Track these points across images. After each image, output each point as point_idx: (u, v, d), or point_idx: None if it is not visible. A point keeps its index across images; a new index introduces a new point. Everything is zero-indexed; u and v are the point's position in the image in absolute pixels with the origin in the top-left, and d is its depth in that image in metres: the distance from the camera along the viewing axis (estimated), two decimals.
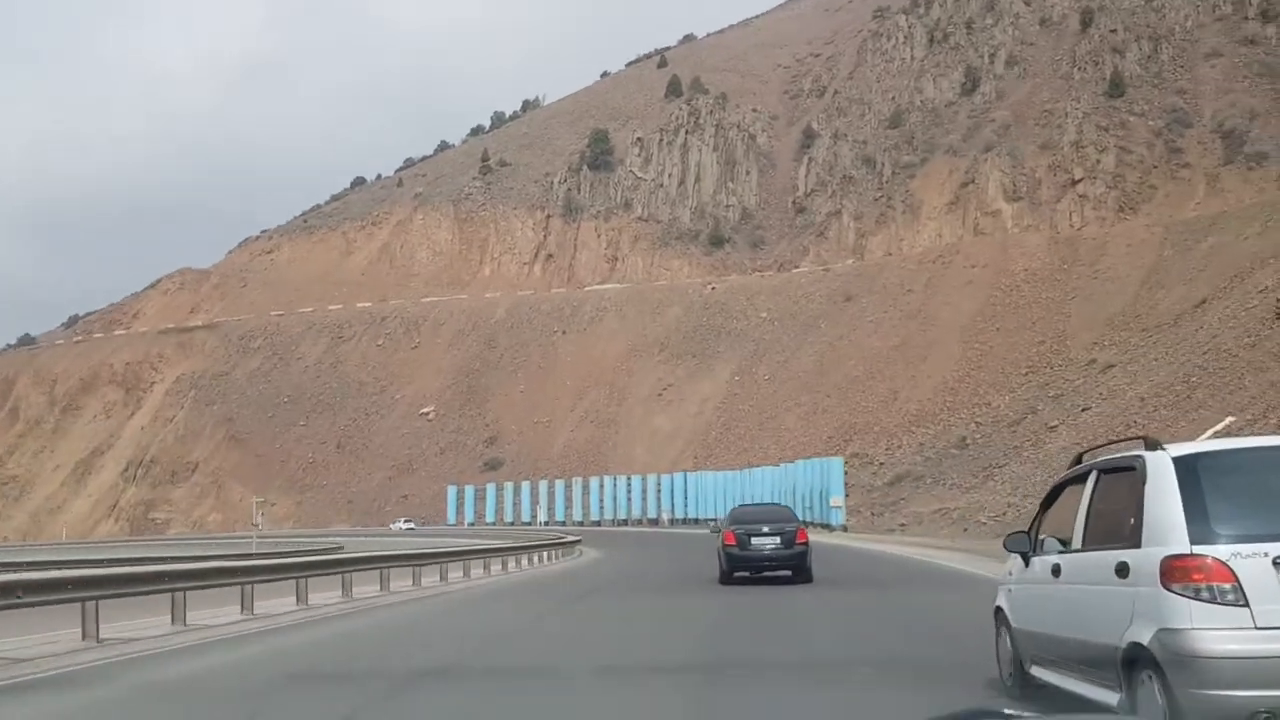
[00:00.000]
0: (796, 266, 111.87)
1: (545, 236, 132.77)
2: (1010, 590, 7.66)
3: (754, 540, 20.05)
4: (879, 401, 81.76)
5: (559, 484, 77.60)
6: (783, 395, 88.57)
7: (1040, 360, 78.18)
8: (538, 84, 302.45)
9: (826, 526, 48.21)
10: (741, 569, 20.16)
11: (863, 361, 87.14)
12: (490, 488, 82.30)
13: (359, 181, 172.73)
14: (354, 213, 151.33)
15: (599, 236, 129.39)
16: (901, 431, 75.52)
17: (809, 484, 51.46)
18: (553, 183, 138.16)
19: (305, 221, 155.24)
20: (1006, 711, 2.62)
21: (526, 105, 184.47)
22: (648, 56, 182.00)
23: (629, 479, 73.54)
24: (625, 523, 72.29)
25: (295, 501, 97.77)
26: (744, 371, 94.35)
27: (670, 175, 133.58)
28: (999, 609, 7.81)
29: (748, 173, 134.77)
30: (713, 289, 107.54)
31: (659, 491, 70.78)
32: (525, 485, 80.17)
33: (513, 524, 79.42)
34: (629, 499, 72.87)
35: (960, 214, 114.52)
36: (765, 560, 20.12)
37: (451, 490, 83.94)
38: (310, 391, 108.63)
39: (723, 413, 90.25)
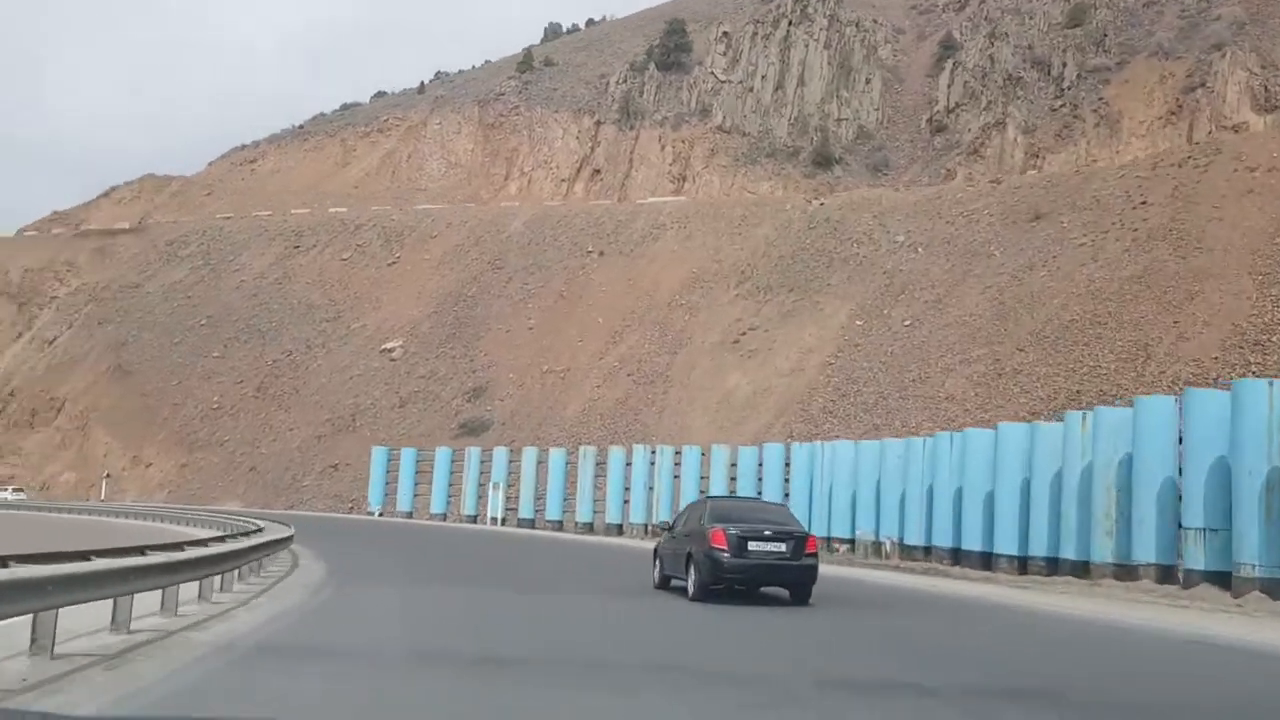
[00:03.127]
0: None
1: (593, 148, 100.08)
2: None
3: (752, 545, 14.65)
4: (1118, 359, 47.86)
5: (557, 458, 44.17)
6: (938, 347, 54.90)
7: None
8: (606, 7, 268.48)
9: None
10: (724, 582, 14.69)
11: (1076, 300, 53.17)
12: (441, 455, 49.05)
13: (380, 96, 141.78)
14: (360, 119, 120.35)
15: (663, 149, 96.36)
16: None
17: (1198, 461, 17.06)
18: (609, 83, 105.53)
19: (301, 129, 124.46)
20: None
21: (590, 23, 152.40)
22: None
23: (677, 453, 39.92)
24: (671, 528, 38.98)
25: (180, 464, 66.10)
26: (870, 313, 60.76)
27: (764, 77, 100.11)
28: None
29: (868, 81, 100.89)
30: (821, 204, 74.00)
31: (734, 477, 37.02)
32: (500, 455, 46.58)
33: (474, 519, 46.65)
34: (676, 489, 39.06)
35: (1184, 127, 79.73)
36: (765, 572, 14.96)
37: (378, 455, 51.09)
38: (240, 313, 77.06)
39: (837, 370, 56.71)
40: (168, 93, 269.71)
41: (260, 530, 19.91)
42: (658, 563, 17.34)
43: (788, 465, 35.26)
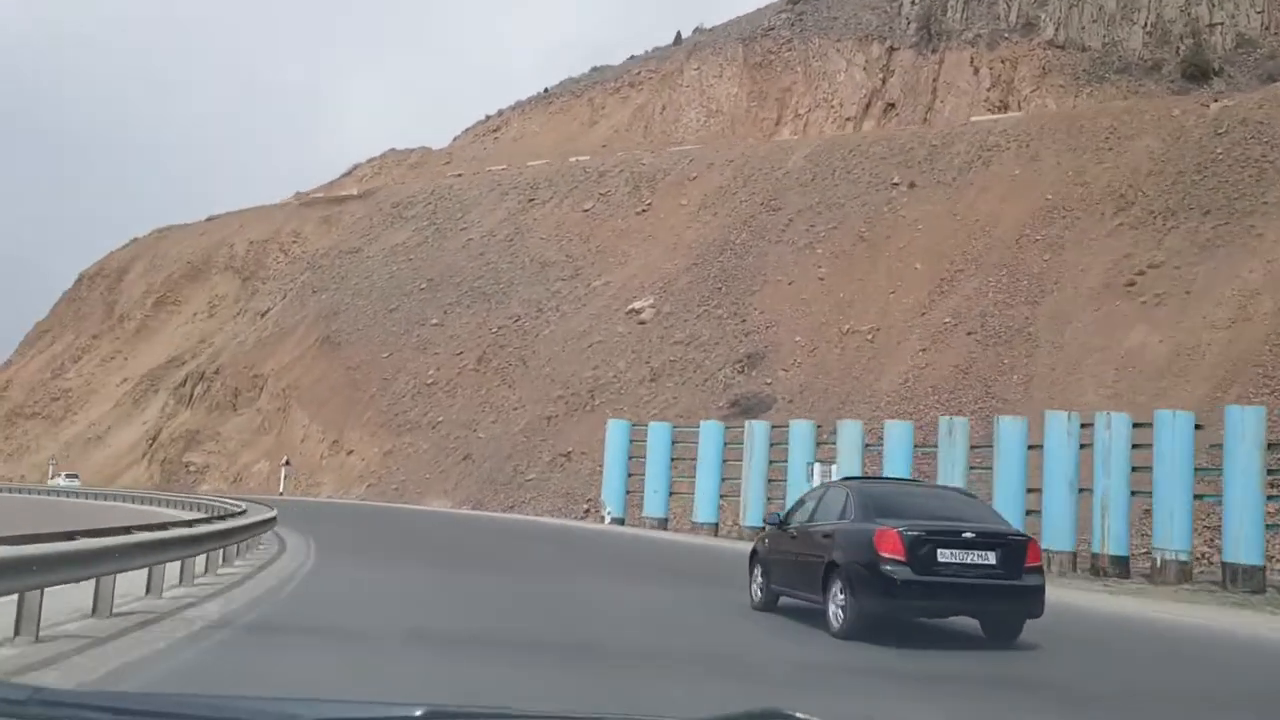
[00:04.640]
0: None
1: (884, 79, 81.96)
2: None
3: (944, 554, 9.02)
4: None
5: (898, 436, 27.16)
6: None
7: None
8: None
9: None
10: (899, 610, 9.22)
11: None
12: (709, 431, 32.73)
13: (633, 59, 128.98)
14: (609, 76, 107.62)
15: (977, 72, 77.03)
16: None
17: None
18: (902, 3, 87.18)
19: (546, 93, 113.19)
20: (798, 715, 2.27)
21: None
22: None
23: (1136, 426, 22.22)
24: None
25: (384, 450, 53.64)
26: None
27: None
28: None
29: None
30: (1226, 105, 53.04)
31: (1273, 472, 18.89)
32: (799, 432, 29.72)
33: (764, 528, 30.10)
34: (1143, 488, 21.25)
35: None
36: (965, 596, 9.10)
37: (615, 431, 35.45)
38: (464, 274, 64.51)
39: None
40: (430, 84, 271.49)
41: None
42: (758, 572, 11.64)
43: None
